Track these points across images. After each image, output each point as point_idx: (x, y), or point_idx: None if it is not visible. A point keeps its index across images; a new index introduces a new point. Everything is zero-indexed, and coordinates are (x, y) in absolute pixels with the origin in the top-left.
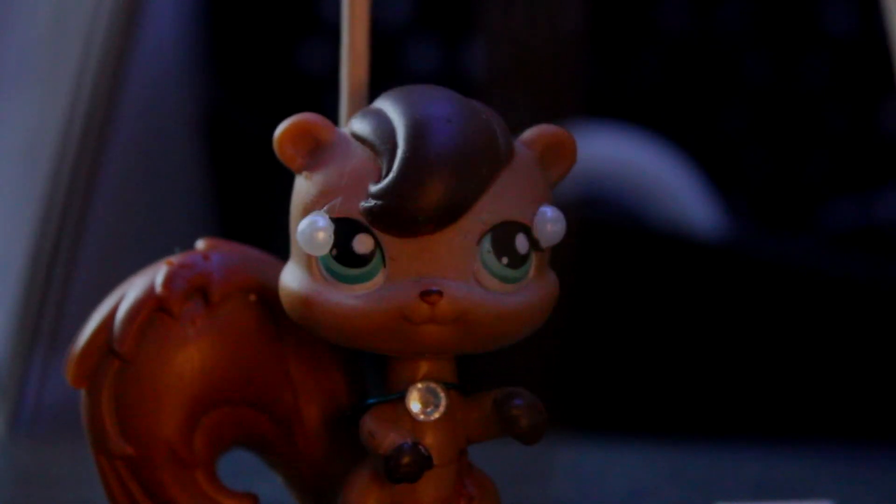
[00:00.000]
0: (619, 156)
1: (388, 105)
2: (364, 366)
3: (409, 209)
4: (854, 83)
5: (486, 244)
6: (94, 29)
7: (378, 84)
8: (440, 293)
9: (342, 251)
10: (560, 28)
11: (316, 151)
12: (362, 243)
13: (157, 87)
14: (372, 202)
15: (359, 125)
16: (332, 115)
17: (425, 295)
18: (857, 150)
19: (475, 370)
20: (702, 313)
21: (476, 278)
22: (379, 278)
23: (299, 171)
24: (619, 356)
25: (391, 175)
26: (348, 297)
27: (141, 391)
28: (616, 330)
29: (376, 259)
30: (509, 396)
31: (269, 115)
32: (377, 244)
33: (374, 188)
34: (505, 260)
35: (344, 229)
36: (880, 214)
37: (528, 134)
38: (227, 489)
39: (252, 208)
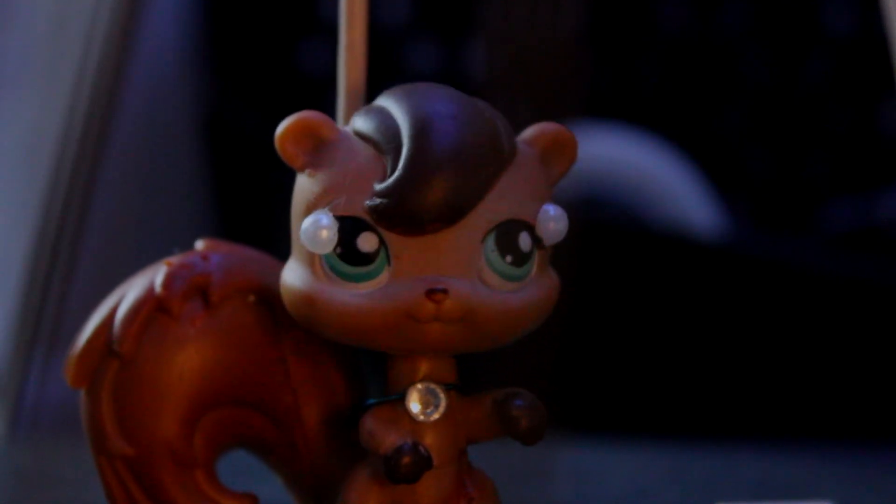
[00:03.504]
0: (620, 156)
1: (391, 103)
2: (364, 366)
3: (415, 208)
4: (854, 83)
5: (491, 242)
6: (94, 29)
7: (378, 84)
8: (446, 291)
9: (346, 249)
10: (560, 28)
11: (318, 149)
12: (367, 241)
13: (158, 86)
14: (377, 200)
15: (362, 123)
16: (332, 114)
17: (431, 293)
18: (857, 150)
19: (475, 370)
20: (702, 314)
21: (480, 276)
22: (383, 276)
23: (301, 170)
24: (620, 357)
25: (397, 173)
26: (353, 296)
27: (141, 391)
28: (616, 330)
29: (381, 257)
30: (510, 397)
31: (270, 115)
32: (382, 242)
33: (379, 186)
34: (509, 258)
35: (348, 227)
36: (880, 214)
37: (529, 132)
38: (227, 489)
39: (252, 208)
